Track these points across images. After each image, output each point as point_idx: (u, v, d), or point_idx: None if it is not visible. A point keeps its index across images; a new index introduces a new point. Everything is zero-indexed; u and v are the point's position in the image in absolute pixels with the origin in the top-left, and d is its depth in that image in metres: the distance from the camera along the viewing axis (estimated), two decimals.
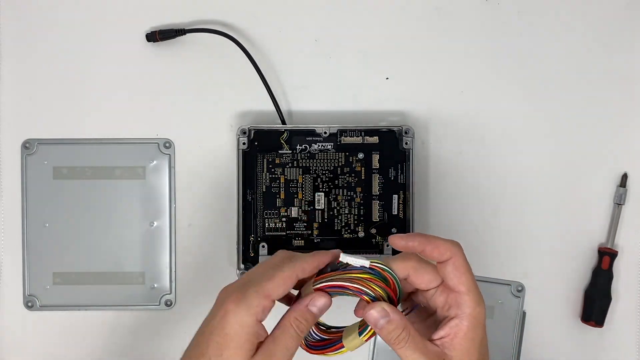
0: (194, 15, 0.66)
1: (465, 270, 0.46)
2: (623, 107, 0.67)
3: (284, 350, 0.46)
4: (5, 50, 0.66)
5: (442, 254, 0.47)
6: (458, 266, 0.46)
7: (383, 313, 0.46)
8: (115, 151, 0.66)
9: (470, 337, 0.46)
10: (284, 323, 0.47)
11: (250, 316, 0.45)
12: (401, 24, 0.67)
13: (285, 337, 0.46)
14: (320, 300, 0.47)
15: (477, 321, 0.46)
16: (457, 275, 0.46)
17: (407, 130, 0.64)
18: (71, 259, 0.66)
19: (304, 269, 0.47)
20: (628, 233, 0.67)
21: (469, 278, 0.46)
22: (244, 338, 0.44)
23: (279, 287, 0.46)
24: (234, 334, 0.44)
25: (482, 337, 0.46)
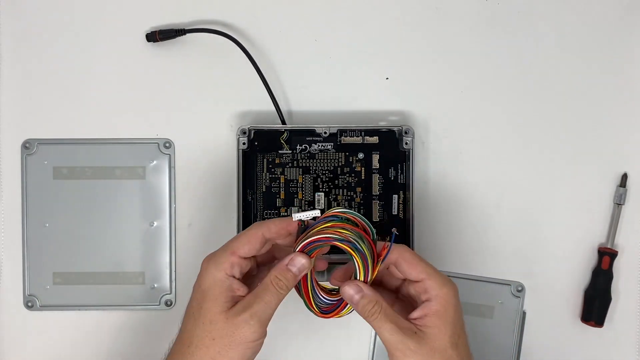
0: (194, 15, 0.66)
1: (417, 261, 0.51)
2: (623, 107, 0.67)
3: (262, 304, 0.50)
4: (5, 50, 0.66)
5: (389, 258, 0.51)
6: (408, 261, 0.51)
7: (357, 289, 0.51)
8: (115, 151, 0.66)
9: (440, 314, 0.50)
10: (266, 280, 0.51)
11: (220, 271, 0.51)
12: (401, 24, 0.67)
13: (265, 293, 0.51)
14: (299, 259, 0.51)
15: (444, 300, 0.50)
16: (411, 268, 0.51)
17: (407, 130, 0.64)
18: (71, 259, 0.66)
19: (269, 228, 0.52)
20: (628, 233, 0.67)
21: (424, 266, 0.51)
22: (217, 291, 0.50)
23: (244, 245, 0.51)
24: (208, 288, 0.51)
25: (453, 315, 0.50)
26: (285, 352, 0.67)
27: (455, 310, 0.50)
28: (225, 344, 0.50)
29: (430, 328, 0.50)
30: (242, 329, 0.49)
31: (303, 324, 0.67)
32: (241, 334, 0.49)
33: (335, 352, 0.67)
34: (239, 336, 0.49)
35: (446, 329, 0.50)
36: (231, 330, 0.49)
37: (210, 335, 0.50)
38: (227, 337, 0.49)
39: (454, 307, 0.50)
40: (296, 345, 0.67)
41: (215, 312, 0.50)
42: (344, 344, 0.67)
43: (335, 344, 0.67)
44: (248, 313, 0.50)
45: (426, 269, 0.51)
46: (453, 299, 0.50)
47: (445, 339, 0.49)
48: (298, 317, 0.66)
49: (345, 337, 0.67)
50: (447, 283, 0.51)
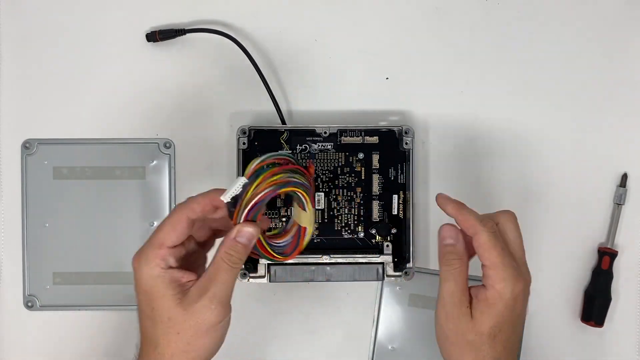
0: (194, 15, 0.67)
1: (488, 247, 0.50)
2: (623, 107, 0.67)
3: (219, 284, 0.48)
4: (5, 50, 0.66)
5: (467, 229, 0.51)
6: (481, 243, 0.50)
7: (453, 235, 0.52)
8: (115, 151, 0.66)
9: (488, 304, 0.49)
10: (216, 259, 0.49)
11: (153, 268, 0.48)
12: (401, 24, 0.67)
13: (218, 272, 0.48)
14: (246, 229, 0.49)
15: (497, 295, 0.49)
16: (480, 251, 0.50)
17: (407, 130, 0.64)
18: (71, 259, 0.66)
19: (192, 209, 0.49)
20: (628, 233, 0.67)
21: (493, 255, 0.49)
22: (161, 287, 0.48)
23: (170, 233, 0.49)
24: (150, 288, 0.48)
25: (502, 310, 0.49)
26: (285, 352, 0.67)
27: (506, 306, 0.49)
28: (192, 333, 0.48)
29: (475, 311, 0.50)
30: (204, 315, 0.48)
31: (303, 324, 0.67)
32: (205, 320, 0.48)
33: (336, 352, 0.67)
34: (203, 322, 0.48)
35: (489, 319, 0.49)
36: (193, 319, 0.48)
37: (173, 331, 0.48)
38: (192, 327, 0.48)
39: (504, 303, 0.49)
40: (296, 345, 0.67)
41: (169, 307, 0.48)
42: (344, 344, 0.67)
43: (335, 344, 0.67)
44: (206, 298, 0.48)
45: (494, 258, 0.49)
46: (507, 296, 0.49)
47: (485, 327, 0.49)
48: (298, 317, 0.66)
49: (346, 337, 0.67)
50: (508, 279, 0.49)
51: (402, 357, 0.65)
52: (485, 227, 0.50)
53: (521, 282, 0.50)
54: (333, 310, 0.67)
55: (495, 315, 0.49)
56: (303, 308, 0.67)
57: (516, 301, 0.50)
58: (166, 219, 0.50)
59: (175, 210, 0.50)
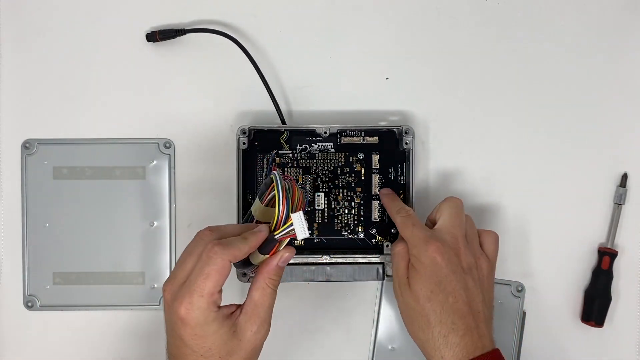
0: (194, 15, 0.66)
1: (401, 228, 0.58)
2: (623, 108, 0.67)
3: (266, 308, 0.51)
4: (5, 50, 0.66)
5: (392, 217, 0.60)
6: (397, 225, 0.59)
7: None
8: (115, 151, 0.66)
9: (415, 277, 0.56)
10: (260, 285, 0.52)
11: (208, 316, 0.49)
12: (401, 24, 0.67)
13: (265, 298, 0.51)
14: (287, 254, 0.53)
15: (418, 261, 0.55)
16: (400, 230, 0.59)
17: (407, 130, 0.64)
18: (71, 259, 0.66)
19: (235, 256, 0.50)
20: (628, 233, 0.67)
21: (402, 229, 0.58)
22: (216, 327, 0.49)
23: (218, 282, 0.49)
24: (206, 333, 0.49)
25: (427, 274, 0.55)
26: (285, 352, 0.67)
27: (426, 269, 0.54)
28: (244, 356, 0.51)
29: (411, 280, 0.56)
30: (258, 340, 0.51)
31: (303, 324, 0.67)
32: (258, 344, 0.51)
33: (335, 352, 0.67)
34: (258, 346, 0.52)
35: (418, 285, 0.55)
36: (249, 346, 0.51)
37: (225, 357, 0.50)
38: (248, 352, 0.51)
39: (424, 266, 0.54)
40: (296, 345, 0.67)
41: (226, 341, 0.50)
42: (344, 344, 0.67)
43: (335, 344, 0.67)
44: (257, 324, 0.51)
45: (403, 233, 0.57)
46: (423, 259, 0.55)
47: (418, 293, 0.54)
48: (298, 317, 0.66)
49: (346, 337, 0.67)
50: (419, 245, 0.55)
51: (402, 357, 0.65)
52: (399, 214, 0.58)
53: (433, 244, 0.54)
54: (333, 310, 0.67)
55: (421, 280, 0.54)
56: (303, 308, 0.67)
57: (435, 262, 0.54)
58: (210, 266, 0.49)
59: (219, 256, 0.49)
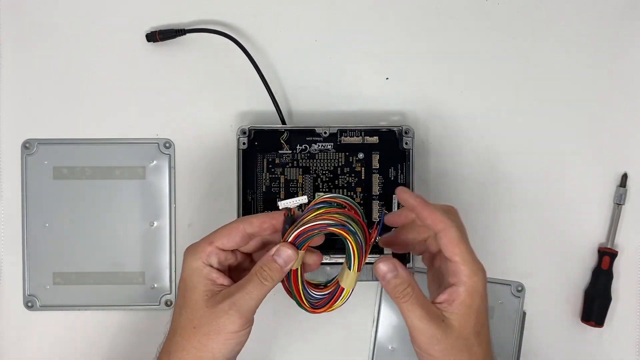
0: (194, 15, 0.66)
1: (457, 242, 0.49)
2: (623, 107, 0.67)
3: (244, 294, 0.49)
4: (5, 50, 0.66)
5: (435, 225, 0.49)
6: (450, 238, 0.49)
7: (391, 267, 0.49)
8: (115, 151, 0.66)
9: (467, 304, 0.49)
10: (251, 272, 0.50)
11: (197, 260, 0.51)
12: (401, 24, 0.67)
13: (247, 282, 0.50)
14: (284, 250, 0.49)
15: (473, 290, 0.49)
16: (449, 247, 0.49)
17: (407, 130, 0.64)
18: (71, 259, 0.66)
19: (251, 222, 0.51)
20: (628, 233, 0.67)
21: (462, 249, 0.49)
22: (195, 280, 0.50)
23: (223, 236, 0.51)
24: (187, 277, 0.51)
25: (479, 304, 0.49)
26: (285, 352, 0.67)
27: (482, 299, 0.49)
28: (205, 332, 0.49)
29: (456, 315, 0.49)
30: (221, 319, 0.49)
31: (303, 324, 0.67)
32: (220, 324, 0.49)
33: (336, 353, 0.67)
34: (218, 326, 0.49)
35: (470, 318, 0.49)
36: (210, 319, 0.49)
37: (191, 324, 0.50)
38: (207, 326, 0.49)
39: (480, 296, 0.49)
40: (296, 346, 0.67)
41: (196, 299, 0.50)
42: (344, 344, 0.67)
43: (335, 344, 0.67)
44: (227, 302, 0.49)
45: (463, 252, 0.49)
46: (481, 288, 0.49)
47: (470, 328, 0.49)
48: (298, 318, 0.66)
49: (346, 337, 0.67)
50: (478, 271, 0.49)
51: (402, 357, 0.65)
52: (454, 222, 0.49)
53: (484, 273, 0.50)
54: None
55: (475, 312, 0.49)
56: None
57: (485, 290, 0.50)
58: (225, 225, 0.52)
59: (236, 220, 0.52)
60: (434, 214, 0.49)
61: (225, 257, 0.52)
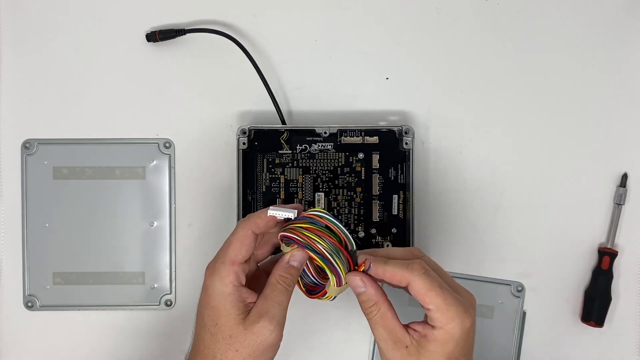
0: (194, 15, 0.66)
1: (425, 291, 0.48)
2: (623, 107, 0.67)
3: (276, 305, 0.50)
4: (5, 50, 0.66)
5: (400, 282, 0.49)
6: (418, 290, 0.48)
7: (359, 284, 0.50)
8: (115, 151, 0.66)
9: (439, 344, 0.48)
10: (271, 281, 0.51)
11: (225, 285, 0.50)
12: (401, 24, 0.67)
13: (275, 293, 0.51)
14: (299, 254, 0.51)
15: (448, 335, 0.47)
16: (420, 297, 0.48)
17: (407, 130, 0.64)
18: (71, 259, 0.66)
19: (257, 224, 0.51)
20: (628, 233, 0.67)
21: (433, 296, 0.47)
22: (229, 305, 0.50)
23: (240, 250, 0.51)
24: (218, 304, 0.50)
25: (452, 349, 0.48)
26: (284, 352, 0.67)
27: (457, 344, 0.47)
28: (250, 353, 0.50)
29: (424, 350, 0.48)
30: (263, 336, 0.49)
31: (303, 324, 0.67)
32: (263, 341, 0.49)
33: (336, 352, 0.67)
34: (262, 342, 0.50)
35: (441, 358, 0.48)
36: (253, 339, 0.49)
37: (232, 348, 0.50)
38: (251, 346, 0.49)
39: (455, 341, 0.47)
40: (296, 345, 0.67)
41: (232, 325, 0.50)
42: (344, 344, 0.67)
43: (335, 344, 0.67)
44: (266, 319, 0.50)
45: (435, 300, 0.47)
46: (457, 334, 0.47)
47: None
48: (297, 318, 0.66)
49: (345, 338, 0.67)
50: (455, 318, 0.47)
51: None
52: (414, 272, 0.48)
53: (469, 315, 0.48)
54: (333, 310, 0.67)
55: (447, 354, 0.48)
56: (303, 308, 0.67)
57: (468, 334, 0.48)
58: (232, 236, 0.51)
59: (240, 226, 0.51)
60: (394, 272, 0.49)
61: (246, 269, 0.52)
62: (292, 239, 0.50)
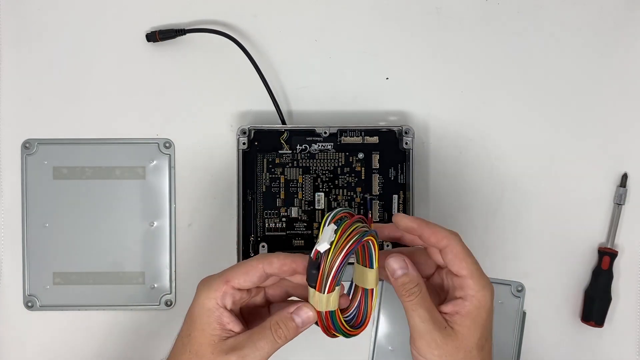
0: (194, 15, 0.66)
1: (464, 256, 0.48)
2: (623, 107, 0.67)
3: (253, 347, 0.47)
4: (5, 50, 0.66)
5: (439, 241, 0.49)
6: (456, 253, 0.48)
7: (402, 265, 0.48)
8: (115, 151, 0.66)
9: (472, 317, 0.48)
10: (264, 324, 0.48)
11: (210, 300, 0.47)
12: (401, 24, 0.67)
13: (260, 336, 0.47)
14: (306, 311, 0.48)
15: (480, 303, 0.48)
16: (456, 261, 0.48)
17: (407, 130, 0.64)
18: (71, 259, 0.66)
19: (271, 262, 0.48)
20: (628, 233, 0.67)
21: (470, 263, 0.48)
22: (205, 320, 0.47)
23: (240, 275, 0.48)
24: (197, 316, 0.48)
25: (485, 319, 0.49)
26: (285, 352, 0.67)
27: (488, 314, 0.49)
28: None
29: (460, 326, 0.48)
30: None
31: None
32: None
33: (336, 352, 0.67)
34: None
35: (475, 331, 0.48)
36: None
37: None
38: None
39: (487, 311, 0.48)
40: (296, 345, 0.67)
41: (202, 343, 0.47)
42: (344, 344, 0.67)
43: (336, 344, 0.67)
44: (234, 355, 0.46)
45: (471, 266, 0.48)
46: (488, 303, 0.48)
47: (473, 341, 0.48)
48: None
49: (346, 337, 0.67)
50: (487, 286, 0.48)
51: (402, 357, 0.65)
52: (455, 237, 0.49)
53: (492, 288, 0.49)
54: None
55: (480, 326, 0.48)
56: None
57: (492, 306, 0.49)
58: (243, 262, 0.49)
59: (255, 258, 0.49)
60: (436, 231, 0.49)
61: (240, 297, 0.49)
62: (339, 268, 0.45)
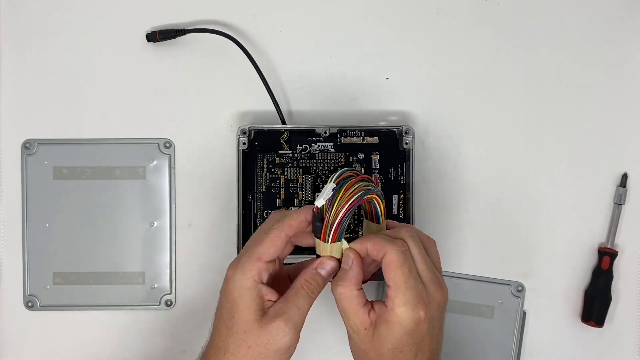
0: (194, 15, 0.67)
1: (395, 267, 0.48)
2: (623, 108, 0.67)
3: (294, 308, 0.50)
4: (5, 50, 0.66)
5: (378, 253, 0.49)
6: (388, 262, 0.48)
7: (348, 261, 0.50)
8: (115, 151, 0.66)
9: (385, 332, 0.48)
10: (296, 285, 0.51)
11: (247, 279, 0.49)
12: (401, 24, 0.67)
13: (296, 297, 0.50)
14: (328, 263, 0.50)
15: (396, 319, 0.48)
16: (386, 271, 0.48)
17: (407, 130, 0.64)
18: (71, 259, 0.66)
19: (290, 226, 0.50)
20: (628, 233, 0.67)
21: (399, 274, 0.48)
22: (247, 299, 0.49)
23: (269, 249, 0.50)
24: (238, 297, 0.49)
25: (399, 337, 0.48)
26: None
27: (405, 333, 0.48)
28: (261, 352, 0.49)
29: (377, 329, 0.49)
30: (277, 336, 0.49)
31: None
32: (276, 341, 0.49)
33: (336, 353, 0.67)
34: (275, 344, 0.49)
35: (388, 341, 0.48)
36: (266, 338, 0.49)
37: (245, 344, 0.49)
38: (263, 345, 0.49)
39: (403, 329, 0.48)
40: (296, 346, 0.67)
41: (249, 320, 0.49)
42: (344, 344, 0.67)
43: (336, 344, 0.67)
44: (282, 320, 0.49)
45: (398, 278, 0.48)
46: (405, 321, 0.47)
47: (384, 348, 0.48)
48: None
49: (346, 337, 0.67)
50: (408, 304, 0.47)
51: None
52: (394, 246, 0.48)
53: (422, 307, 0.47)
54: (333, 310, 0.67)
55: (394, 338, 0.48)
56: None
57: (418, 325, 0.48)
58: (265, 234, 0.50)
59: (274, 227, 0.51)
60: (377, 242, 0.49)
61: (273, 268, 0.51)
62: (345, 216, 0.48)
